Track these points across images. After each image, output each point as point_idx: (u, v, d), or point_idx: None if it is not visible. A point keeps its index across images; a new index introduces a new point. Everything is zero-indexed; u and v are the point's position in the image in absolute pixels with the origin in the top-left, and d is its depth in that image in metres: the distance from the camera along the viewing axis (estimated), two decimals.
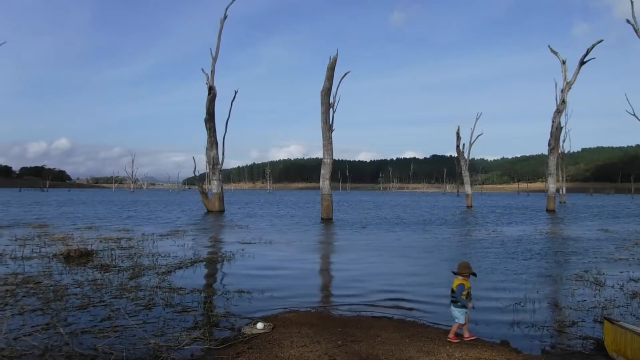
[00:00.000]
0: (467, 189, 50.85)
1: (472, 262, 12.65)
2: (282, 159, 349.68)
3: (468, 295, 5.92)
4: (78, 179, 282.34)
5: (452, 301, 6.01)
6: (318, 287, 9.90)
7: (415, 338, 5.97)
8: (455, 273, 6.11)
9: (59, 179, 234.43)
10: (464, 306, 5.89)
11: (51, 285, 8.81)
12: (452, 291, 6.02)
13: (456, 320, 5.95)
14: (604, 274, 10.60)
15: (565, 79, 38.67)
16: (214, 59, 36.57)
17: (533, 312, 7.39)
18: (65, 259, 11.89)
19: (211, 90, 36.01)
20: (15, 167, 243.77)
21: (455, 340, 5.86)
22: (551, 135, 39.99)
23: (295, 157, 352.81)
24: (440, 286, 9.64)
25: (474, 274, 6.10)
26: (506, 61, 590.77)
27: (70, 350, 5.35)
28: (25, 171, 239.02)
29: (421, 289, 9.17)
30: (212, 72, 36.40)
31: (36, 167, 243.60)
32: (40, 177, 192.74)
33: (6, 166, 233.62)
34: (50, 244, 15.20)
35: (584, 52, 36.91)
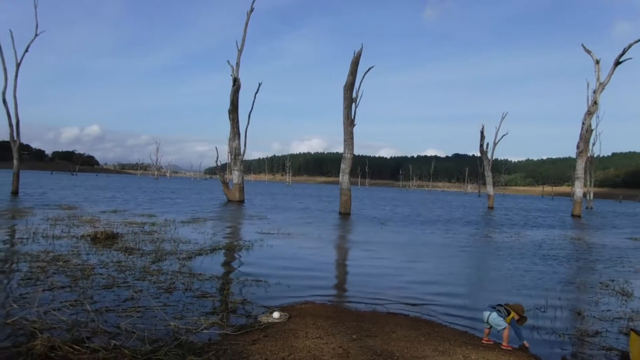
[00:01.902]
0: (489, 189, 50.32)
1: (492, 264, 12.77)
2: (302, 152, 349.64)
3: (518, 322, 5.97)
4: (105, 164, 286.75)
5: (497, 310, 5.95)
6: (334, 280, 10.03)
7: (431, 337, 5.98)
8: (508, 308, 5.99)
9: (87, 163, 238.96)
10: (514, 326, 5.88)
11: (79, 265, 9.14)
12: (502, 311, 5.94)
13: (498, 329, 5.89)
14: (631, 283, 10.30)
15: (598, 79, 37.42)
16: (240, 51, 36.82)
17: (554, 319, 7.31)
18: (92, 240, 12.27)
19: (236, 82, 36.29)
20: (49, 151, 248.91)
21: (489, 342, 5.94)
22: (580, 138, 38.86)
23: (316, 151, 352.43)
24: (458, 286, 9.70)
25: (525, 318, 6.06)
26: (535, 60, 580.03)
27: (96, 327, 5.59)
28: (57, 155, 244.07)
29: (438, 288, 9.21)
30: (238, 64, 36.68)
31: (67, 152, 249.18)
32: (71, 161, 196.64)
33: (40, 150, 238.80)
34: (78, 225, 15.67)
35: (620, 51, 35.48)
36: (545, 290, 9.38)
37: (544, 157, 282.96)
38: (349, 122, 29.28)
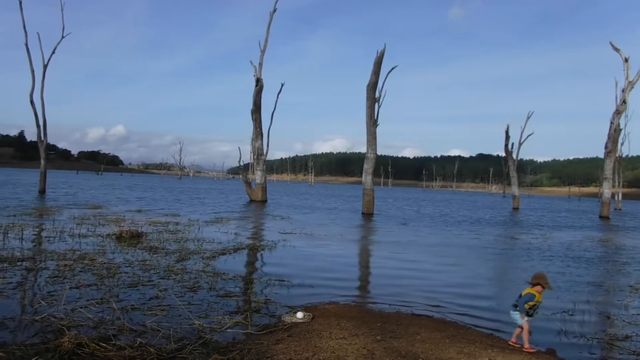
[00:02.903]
0: (515, 190, 49.66)
1: (517, 266, 12.54)
2: (325, 152, 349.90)
3: (533, 308, 5.77)
4: (130, 164, 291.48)
5: (514, 304, 5.89)
6: (357, 281, 9.98)
7: (456, 339, 5.90)
8: (529, 283, 5.90)
9: (112, 163, 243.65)
10: (528, 315, 5.75)
11: (105, 263, 9.26)
12: (520, 296, 5.88)
13: (518, 323, 5.81)
14: None
15: (627, 77, 36.63)
16: (262, 52, 37.03)
17: (582, 322, 7.14)
18: (117, 239, 12.44)
19: (258, 83, 36.49)
20: (74, 151, 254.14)
21: (516, 345, 5.75)
22: (609, 138, 37.98)
23: (338, 151, 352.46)
24: (483, 288, 9.58)
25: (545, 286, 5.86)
26: (562, 58, 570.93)
27: (122, 325, 5.65)
28: (83, 155, 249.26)
29: (463, 290, 9.09)
30: (260, 64, 36.88)
31: (92, 152, 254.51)
32: (96, 161, 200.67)
33: (66, 150, 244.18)
34: (104, 224, 15.92)
35: None
36: (573, 293, 9.18)
37: (571, 157, 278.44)
38: (372, 122, 29.18)
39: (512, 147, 50.03)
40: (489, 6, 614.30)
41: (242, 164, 41.58)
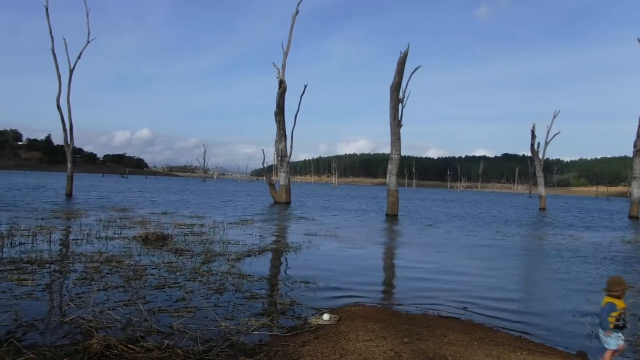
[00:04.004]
0: (541, 190, 48.84)
1: (546, 267, 12.30)
2: (349, 153, 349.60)
3: (620, 319, 4.86)
4: (154, 167, 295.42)
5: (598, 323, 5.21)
6: (383, 283, 9.90)
7: (484, 342, 5.80)
8: (605, 291, 5.10)
9: (137, 166, 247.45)
10: (618, 328, 4.86)
11: (131, 265, 9.35)
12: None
13: (605, 346, 5.00)
14: None
15: None
16: (285, 54, 37.13)
17: None
18: (143, 241, 12.58)
19: (282, 84, 36.59)
20: (100, 154, 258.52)
21: None
22: (638, 136, 36.96)
23: (362, 152, 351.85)
24: (511, 289, 9.42)
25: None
26: (588, 56, 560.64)
27: (149, 326, 5.68)
28: (108, 158, 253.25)
29: (490, 291, 8.94)
30: (283, 66, 36.99)
31: (118, 155, 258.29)
32: (121, 164, 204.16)
33: (92, 153, 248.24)
34: (130, 226, 16.11)
35: None
36: (603, 293, 8.92)
37: (598, 156, 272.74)
38: (396, 123, 29.00)
39: (538, 147, 49.21)
40: (516, 5, 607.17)
41: (265, 165, 41.84)
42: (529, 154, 54.01)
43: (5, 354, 4.71)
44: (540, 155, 49.75)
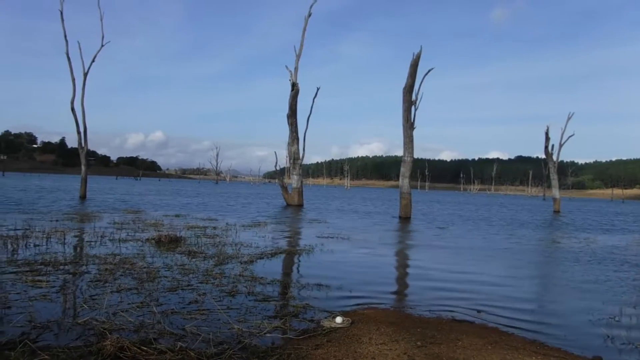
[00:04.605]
0: (555, 192, 48.42)
1: (560, 270, 12.17)
2: (361, 155, 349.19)
3: None
4: (167, 169, 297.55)
5: None
6: (396, 286, 9.83)
7: (499, 346, 5.74)
8: None
9: (150, 169, 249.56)
10: None
11: (144, 267, 9.38)
12: None
13: None
14: None
15: None
16: (298, 56, 37.16)
17: (629, 328, 6.85)
18: (156, 244, 12.62)
19: (294, 87, 36.65)
20: (114, 157, 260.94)
21: None
22: None
23: (374, 155, 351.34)
24: (526, 292, 9.33)
25: None
26: (603, 56, 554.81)
27: (162, 329, 5.69)
28: (122, 161, 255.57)
29: (504, 295, 8.83)
30: (296, 68, 37.03)
31: (131, 157, 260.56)
32: (134, 166, 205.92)
33: (105, 156, 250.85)
34: (143, 228, 16.20)
35: None
36: (620, 298, 8.84)
37: (613, 158, 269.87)
38: (409, 125, 28.88)
39: (552, 149, 48.81)
40: (530, 6, 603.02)
41: (278, 168, 41.92)
42: (543, 156, 53.61)
43: (20, 354, 4.75)
44: (555, 158, 49.32)
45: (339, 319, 6.32)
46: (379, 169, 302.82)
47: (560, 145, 49.79)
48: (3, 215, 18.42)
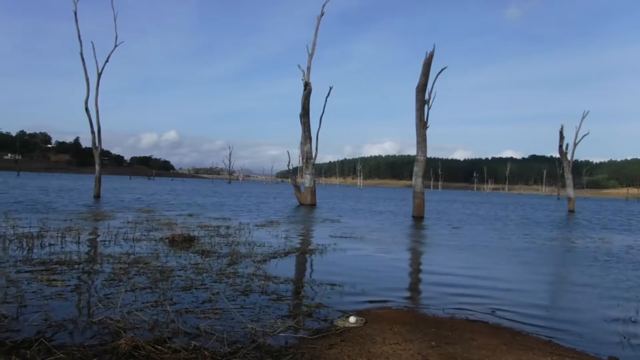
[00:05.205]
0: (570, 192, 47.92)
1: (575, 270, 12.02)
2: (374, 155, 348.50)
3: None
4: (180, 169, 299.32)
5: None
6: (409, 285, 9.79)
7: (513, 346, 5.70)
8: None
9: (164, 168, 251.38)
10: None
11: (158, 266, 9.43)
12: None
13: None
14: None
15: None
16: (310, 56, 37.17)
17: None
18: (170, 243, 12.68)
19: (307, 86, 36.65)
20: (127, 157, 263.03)
21: None
22: None
23: (387, 154, 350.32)
24: (540, 293, 9.25)
25: None
26: (617, 54, 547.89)
27: (176, 328, 5.71)
28: (135, 160, 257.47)
29: (519, 295, 8.76)
30: (309, 68, 37.04)
31: (144, 157, 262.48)
32: (148, 166, 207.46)
33: (119, 155, 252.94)
34: (157, 228, 16.30)
35: None
36: (636, 298, 8.72)
37: (629, 157, 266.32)
38: (422, 125, 28.76)
39: (566, 148, 48.26)
40: (544, 5, 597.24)
41: (291, 167, 42.03)
42: (557, 155, 52.99)
43: (36, 353, 4.79)
44: (569, 157, 48.79)
45: (352, 319, 6.31)
46: (392, 168, 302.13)
47: (575, 144, 49.24)
48: (18, 215, 18.64)
